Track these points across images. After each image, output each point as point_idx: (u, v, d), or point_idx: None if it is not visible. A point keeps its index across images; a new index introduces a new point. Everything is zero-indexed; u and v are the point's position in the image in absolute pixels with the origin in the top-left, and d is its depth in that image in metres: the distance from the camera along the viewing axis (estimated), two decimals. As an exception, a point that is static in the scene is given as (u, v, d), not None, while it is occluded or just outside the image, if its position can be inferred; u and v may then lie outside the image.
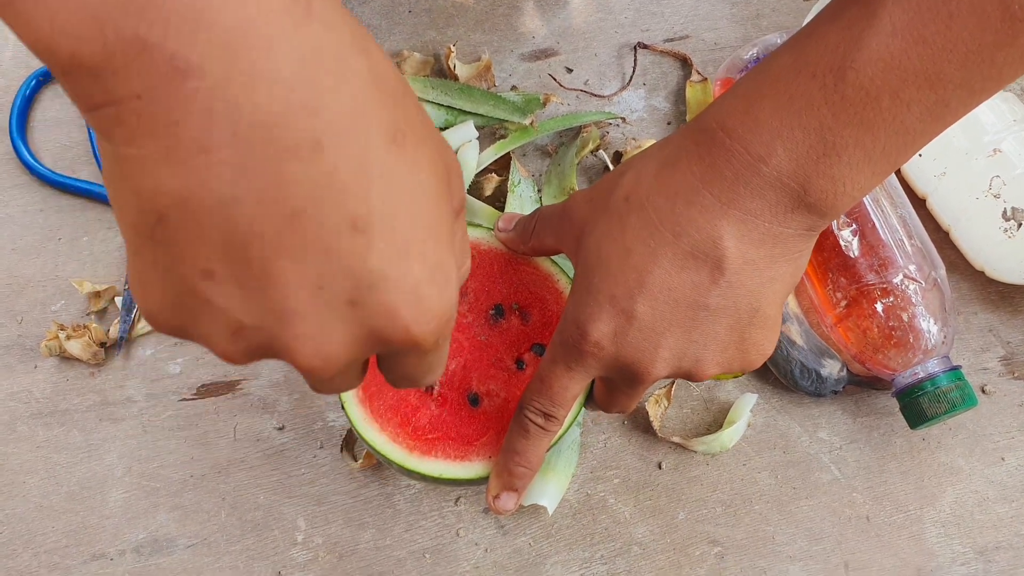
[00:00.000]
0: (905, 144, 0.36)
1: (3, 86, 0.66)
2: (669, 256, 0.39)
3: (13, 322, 0.60)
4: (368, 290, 0.26)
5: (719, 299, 0.40)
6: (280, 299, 0.26)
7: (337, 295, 0.26)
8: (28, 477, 0.57)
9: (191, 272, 0.25)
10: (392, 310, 0.27)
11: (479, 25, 0.69)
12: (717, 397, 0.59)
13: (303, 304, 0.26)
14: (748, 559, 0.55)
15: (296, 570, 0.55)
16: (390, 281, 0.27)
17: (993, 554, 0.56)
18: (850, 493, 0.57)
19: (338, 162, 0.25)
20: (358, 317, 0.27)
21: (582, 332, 0.41)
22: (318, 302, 0.26)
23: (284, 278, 0.25)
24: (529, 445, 0.45)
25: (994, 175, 0.57)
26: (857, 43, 0.35)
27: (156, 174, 0.24)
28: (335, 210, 0.25)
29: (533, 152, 0.65)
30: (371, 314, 0.27)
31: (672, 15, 0.69)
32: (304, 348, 0.27)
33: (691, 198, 0.39)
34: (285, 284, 0.25)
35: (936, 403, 0.53)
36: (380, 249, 0.26)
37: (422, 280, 0.27)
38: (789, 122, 0.36)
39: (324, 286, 0.26)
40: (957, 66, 0.34)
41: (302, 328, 0.26)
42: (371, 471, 0.57)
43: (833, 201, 0.38)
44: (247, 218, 0.24)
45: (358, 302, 0.26)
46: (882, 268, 0.54)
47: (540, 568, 0.55)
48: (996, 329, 0.61)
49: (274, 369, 0.59)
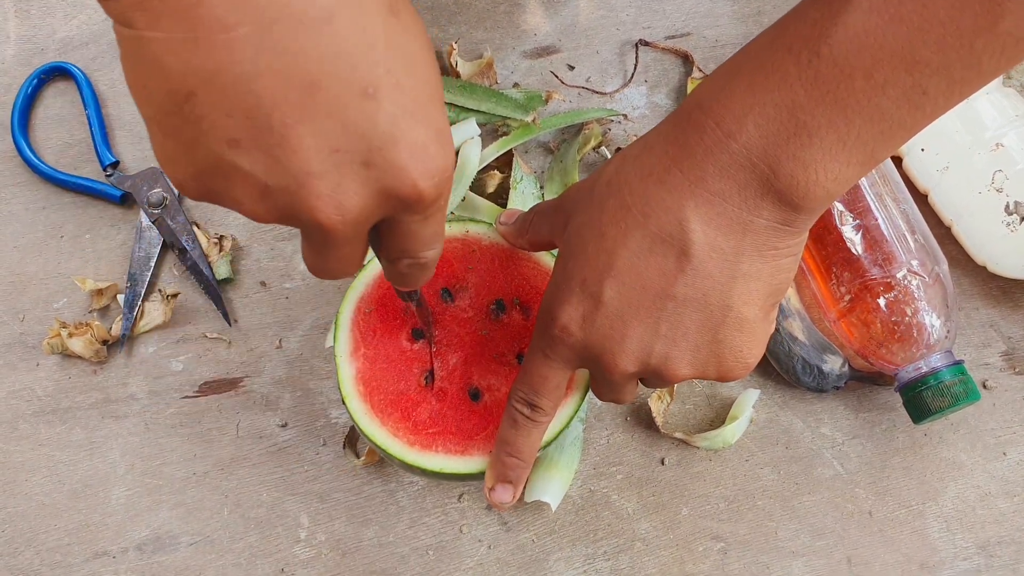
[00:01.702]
0: (882, 132, 0.35)
1: (5, 84, 0.66)
2: (638, 238, 0.39)
3: (15, 320, 0.60)
4: (379, 151, 0.29)
5: (685, 288, 0.38)
6: (301, 162, 0.28)
7: (352, 156, 0.29)
8: (30, 475, 0.57)
9: (219, 142, 0.28)
10: (401, 167, 0.30)
11: (481, 23, 0.69)
12: (719, 393, 0.59)
13: (321, 166, 0.29)
14: (751, 555, 0.55)
15: (299, 567, 0.55)
16: (399, 142, 0.29)
17: (995, 549, 0.56)
18: (852, 488, 0.57)
19: (347, 32, 0.28)
20: (371, 176, 0.30)
21: (552, 317, 0.41)
22: (335, 163, 0.29)
23: (304, 143, 0.28)
24: (518, 435, 0.45)
25: (996, 170, 0.57)
26: (834, 19, 0.34)
27: (182, 54, 0.26)
28: (347, 78, 0.28)
29: (535, 149, 0.65)
30: (383, 172, 0.30)
31: (673, 12, 0.69)
32: (323, 205, 0.29)
33: (662, 177, 0.38)
34: (305, 149, 0.28)
35: (939, 397, 0.53)
36: (389, 112, 0.29)
37: (428, 140, 0.30)
38: (762, 98, 0.36)
39: (340, 148, 0.29)
40: (934, 49, 0.33)
41: (321, 187, 0.29)
42: (374, 468, 0.57)
43: (805, 190, 0.36)
44: (269, 90, 0.27)
45: (371, 162, 0.29)
46: (885, 263, 0.54)
47: (543, 564, 0.55)
48: (997, 324, 0.61)
49: (276, 367, 0.59)
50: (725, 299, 0.38)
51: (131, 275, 0.60)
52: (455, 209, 0.60)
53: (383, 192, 0.30)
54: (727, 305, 0.39)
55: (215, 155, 0.28)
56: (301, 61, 0.27)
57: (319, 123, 0.28)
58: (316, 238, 0.32)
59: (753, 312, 0.39)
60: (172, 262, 0.62)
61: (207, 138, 0.28)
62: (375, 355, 0.48)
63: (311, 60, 0.27)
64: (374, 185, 0.30)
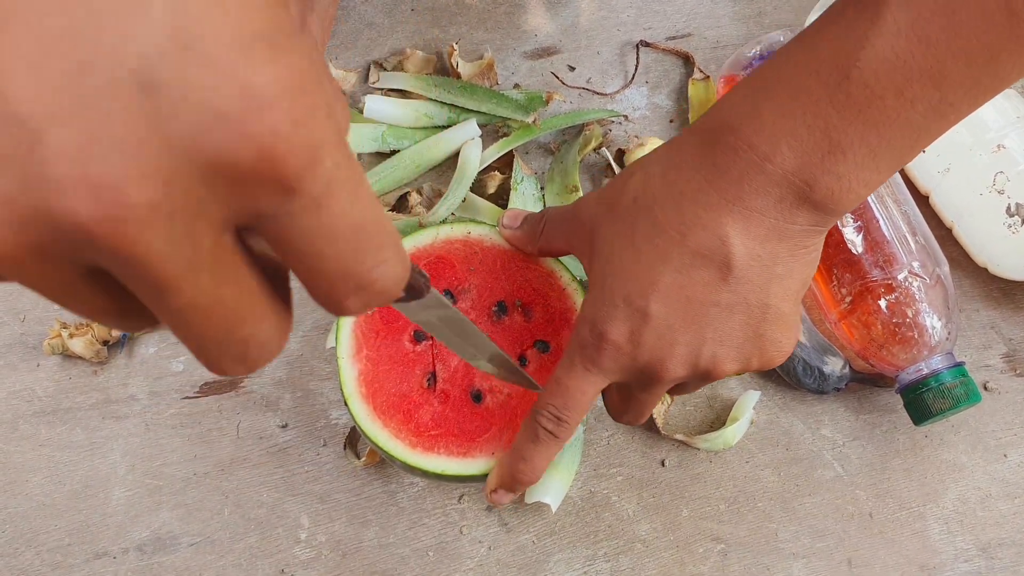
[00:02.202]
0: (910, 141, 0.37)
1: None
2: (678, 255, 0.40)
3: (16, 320, 0.60)
4: (171, 57, 0.16)
5: (729, 295, 0.40)
6: (17, 97, 0.16)
7: (116, 74, 0.16)
8: (31, 475, 0.57)
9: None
10: (217, 89, 0.17)
11: (482, 23, 0.69)
12: (720, 394, 0.59)
13: (56, 100, 0.16)
14: (751, 556, 0.55)
15: (299, 568, 0.55)
16: (208, 38, 0.17)
17: (996, 551, 0.56)
18: (853, 490, 0.57)
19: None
20: (163, 112, 0.17)
21: (600, 333, 0.42)
22: (83, 93, 0.16)
23: (13, 61, 0.16)
24: (537, 451, 0.45)
25: (998, 171, 0.57)
26: (862, 42, 0.35)
27: None
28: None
29: (536, 150, 0.65)
30: (184, 104, 0.17)
31: (674, 13, 0.69)
32: (74, 179, 0.16)
33: (696, 197, 0.39)
34: (15, 71, 0.16)
35: (940, 399, 0.53)
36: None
37: (250, 37, 0.17)
38: (794, 121, 0.37)
39: (90, 61, 0.16)
40: (961, 65, 0.34)
41: (65, 139, 0.16)
42: (374, 469, 0.57)
43: (839, 198, 0.38)
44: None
45: (156, 83, 0.16)
46: (886, 264, 0.54)
47: (543, 565, 0.55)
48: (998, 326, 0.61)
49: (277, 367, 0.59)
50: (764, 299, 0.40)
51: (132, 275, 0.60)
52: (456, 210, 0.60)
53: (194, 145, 0.17)
54: (766, 304, 0.41)
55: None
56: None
57: (36, 21, 0.16)
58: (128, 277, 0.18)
59: (788, 307, 0.41)
60: (173, 262, 0.62)
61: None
62: (377, 356, 0.48)
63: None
64: (174, 130, 0.17)
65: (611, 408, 0.48)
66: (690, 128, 0.42)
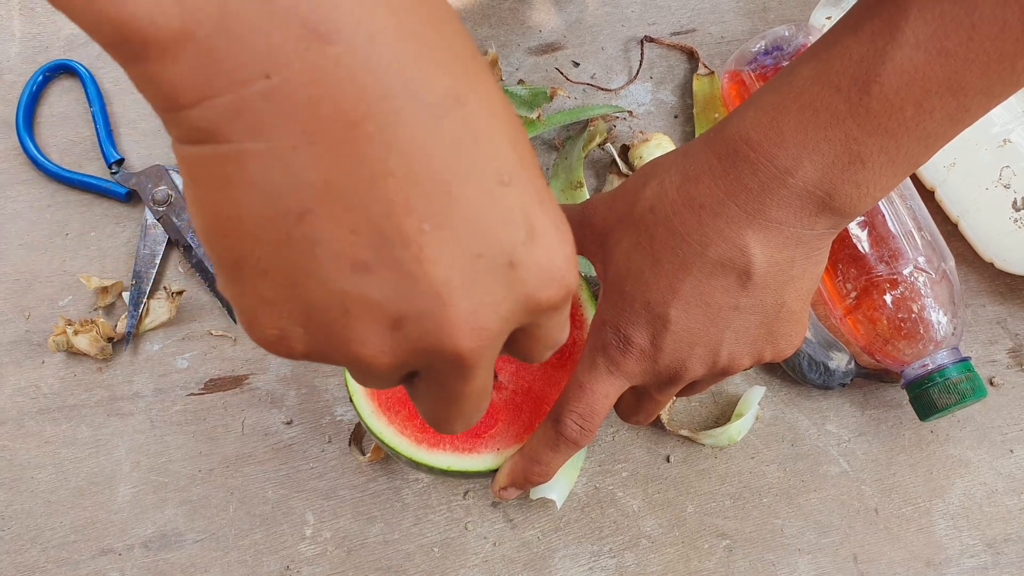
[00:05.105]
0: (927, 147, 0.37)
1: (10, 81, 0.66)
2: (698, 265, 0.40)
3: (21, 317, 0.60)
4: (524, 246, 0.24)
5: (748, 300, 0.41)
6: (439, 276, 0.23)
7: (495, 260, 0.24)
8: (36, 472, 0.57)
9: (341, 269, 0.22)
10: (547, 263, 0.25)
11: (486, 19, 0.68)
12: (725, 390, 0.59)
13: (463, 278, 0.23)
14: (757, 552, 0.55)
15: (304, 564, 0.55)
16: (538, 232, 0.24)
17: (1002, 546, 0.56)
18: (859, 486, 0.57)
19: (480, 113, 0.23)
20: (518, 279, 0.24)
21: (624, 337, 0.42)
22: (476, 273, 0.23)
23: (443, 253, 0.23)
24: (555, 457, 0.45)
25: (1004, 166, 0.57)
26: (881, 56, 0.35)
27: (294, 164, 0.21)
28: (483, 168, 0.23)
29: (540, 146, 0.65)
30: (528, 273, 0.24)
31: (679, 8, 0.69)
32: (464, 326, 0.24)
33: (717, 210, 0.40)
34: (442, 259, 0.23)
35: (946, 394, 0.52)
36: (521, 201, 0.24)
37: (559, 223, 0.25)
38: (815, 135, 0.37)
39: (483, 253, 0.23)
40: (978, 74, 0.34)
41: (464, 303, 0.23)
42: (379, 465, 0.57)
43: (856, 203, 0.39)
44: (400, 194, 0.22)
45: (517, 262, 0.24)
46: (892, 260, 0.54)
47: (549, 561, 0.55)
48: (1004, 321, 0.60)
49: (281, 364, 0.59)
50: (779, 299, 0.41)
51: (136, 273, 0.60)
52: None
53: (526, 299, 0.25)
54: (781, 304, 0.41)
55: (335, 289, 0.22)
56: (432, 153, 0.22)
57: (457, 226, 0.23)
58: (448, 377, 0.26)
59: (800, 304, 0.42)
60: (177, 259, 0.62)
61: (325, 267, 0.22)
62: None
63: (444, 151, 0.22)
64: (519, 289, 0.24)
65: (622, 410, 0.48)
66: (705, 138, 0.42)
